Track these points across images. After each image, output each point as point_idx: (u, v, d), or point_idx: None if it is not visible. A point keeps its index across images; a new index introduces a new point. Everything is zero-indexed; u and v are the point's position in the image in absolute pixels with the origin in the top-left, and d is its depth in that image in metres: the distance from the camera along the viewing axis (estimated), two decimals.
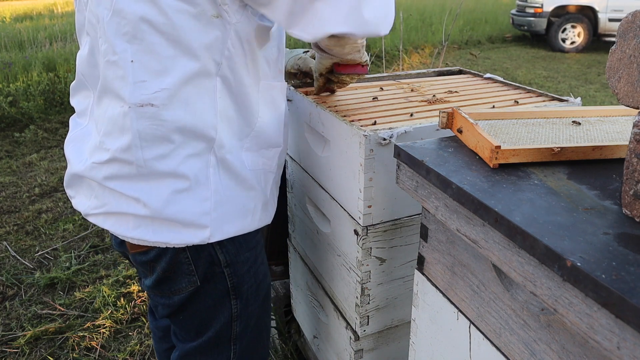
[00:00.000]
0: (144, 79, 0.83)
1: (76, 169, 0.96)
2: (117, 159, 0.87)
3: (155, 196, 0.87)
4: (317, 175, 1.22)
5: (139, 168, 0.86)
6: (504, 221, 0.58)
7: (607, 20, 8.14)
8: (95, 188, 0.93)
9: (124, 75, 0.83)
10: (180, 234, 0.90)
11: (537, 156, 0.72)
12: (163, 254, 0.93)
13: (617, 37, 0.60)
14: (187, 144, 0.87)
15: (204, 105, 0.87)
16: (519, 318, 0.65)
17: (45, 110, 4.69)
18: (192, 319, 1.02)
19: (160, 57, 0.82)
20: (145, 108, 0.84)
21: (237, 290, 1.01)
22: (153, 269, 0.96)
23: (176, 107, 0.85)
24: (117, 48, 0.83)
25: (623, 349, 0.46)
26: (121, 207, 0.90)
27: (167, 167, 0.87)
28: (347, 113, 1.10)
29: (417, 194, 0.79)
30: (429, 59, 7.29)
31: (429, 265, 0.85)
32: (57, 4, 13.39)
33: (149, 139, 0.85)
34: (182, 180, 0.88)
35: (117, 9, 0.81)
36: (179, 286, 0.97)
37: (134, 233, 0.90)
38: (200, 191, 0.89)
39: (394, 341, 1.20)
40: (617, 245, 0.52)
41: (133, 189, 0.88)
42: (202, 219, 0.90)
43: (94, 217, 0.94)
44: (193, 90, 0.85)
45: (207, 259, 0.95)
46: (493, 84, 1.39)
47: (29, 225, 2.80)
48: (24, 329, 1.99)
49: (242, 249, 0.99)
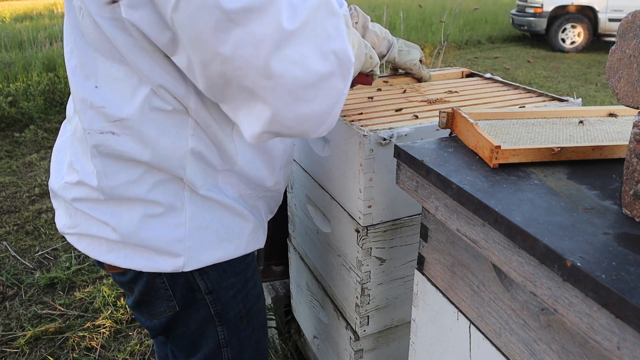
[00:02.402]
0: (104, 104, 0.77)
1: (52, 185, 0.92)
2: (84, 183, 0.83)
3: (125, 221, 0.82)
4: (317, 175, 1.22)
5: (105, 195, 0.81)
6: (504, 221, 0.58)
7: (607, 20, 8.14)
8: (67, 206, 0.89)
9: (88, 99, 0.77)
10: (152, 261, 0.84)
11: (537, 156, 0.72)
12: (139, 277, 0.88)
13: (617, 37, 0.60)
14: (152, 173, 0.81)
15: (170, 143, 0.79)
16: (519, 318, 0.65)
17: (45, 110, 4.69)
18: (182, 340, 0.98)
19: (121, 86, 0.76)
20: (104, 135, 0.78)
21: (222, 317, 0.95)
22: (131, 290, 0.92)
23: (138, 140, 0.78)
24: (85, 69, 0.78)
25: (623, 349, 0.46)
26: (91, 230, 0.85)
27: (135, 193, 0.81)
28: (347, 113, 1.10)
29: (417, 194, 0.79)
30: (429, 59, 7.29)
31: (429, 265, 0.85)
32: (57, 4, 13.39)
33: (112, 166, 0.80)
34: (155, 205, 0.82)
35: (82, 31, 0.76)
36: (158, 310, 0.92)
37: (106, 257, 0.86)
38: (174, 217, 0.83)
39: (394, 341, 1.20)
40: (617, 245, 0.52)
41: (102, 212, 0.83)
42: (175, 246, 0.83)
43: (69, 237, 0.91)
44: (158, 125, 0.78)
45: (185, 285, 0.90)
46: (493, 84, 1.39)
47: (29, 225, 2.80)
48: (24, 329, 1.99)
49: (226, 274, 0.92)
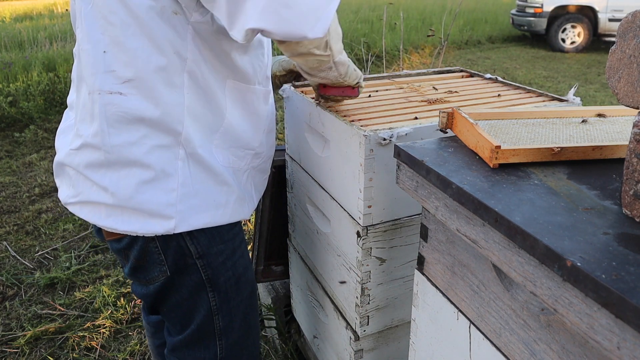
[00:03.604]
0: (114, 68, 0.86)
1: (59, 157, 0.99)
2: (88, 145, 0.90)
3: (122, 186, 0.90)
4: (317, 175, 1.22)
5: (106, 154, 0.89)
6: (504, 221, 0.58)
7: (607, 20, 8.14)
8: (72, 176, 0.96)
9: (94, 63, 0.87)
10: (146, 224, 0.92)
11: (537, 156, 0.72)
12: (134, 242, 0.96)
13: (617, 37, 0.60)
14: (153, 135, 0.89)
15: (170, 99, 0.89)
16: (519, 318, 0.65)
17: (45, 110, 4.69)
18: (175, 311, 1.04)
19: (129, 49, 0.85)
20: (113, 96, 0.87)
21: (213, 283, 1.02)
22: (127, 256, 0.99)
23: (143, 98, 0.87)
24: (91, 37, 0.86)
25: (623, 349, 0.46)
26: (93, 196, 0.93)
27: (134, 155, 0.89)
28: (347, 113, 1.10)
29: (417, 194, 0.79)
30: (429, 59, 7.29)
31: (429, 265, 0.85)
32: (57, 4, 13.39)
33: (116, 126, 0.88)
34: (148, 170, 0.90)
35: (94, 2, 0.85)
36: (152, 275, 0.99)
37: (106, 222, 0.93)
38: (166, 182, 0.91)
39: (394, 341, 1.20)
40: (617, 245, 0.52)
41: (103, 177, 0.91)
42: (168, 209, 0.91)
43: (72, 206, 0.98)
44: (160, 83, 0.87)
45: (176, 250, 0.97)
46: (493, 84, 1.39)
47: (29, 225, 2.80)
48: (24, 329, 1.99)
49: (215, 240, 0.99)
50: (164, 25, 0.85)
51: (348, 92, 1.07)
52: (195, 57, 0.89)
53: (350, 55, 6.42)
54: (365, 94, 1.28)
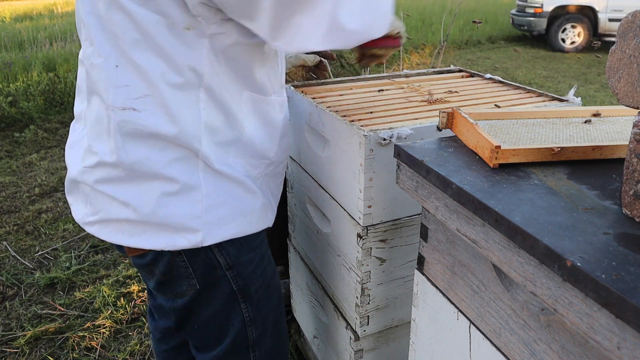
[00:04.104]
0: (127, 83, 0.83)
1: (72, 174, 0.95)
2: (104, 163, 0.87)
3: (144, 200, 0.87)
4: (317, 175, 1.22)
5: (125, 171, 0.86)
6: (504, 221, 0.58)
7: (607, 20, 8.14)
8: (88, 194, 0.92)
9: (107, 78, 0.84)
10: (172, 239, 0.89)
11: (537, 156, 0.72)
12: (159, 257, 0.92)
13: (617, 37, 0.60)
14: (171, 149, 0.86)
15: (187, 116, 0.86)
16: (519, 318, 0.65)
17: (45, 110, 4.69)
18: (208, 327, 1.00)
19: (140, 66, 0.82)
20: (127, 112, 0.83)
21: (245, 293, 0.99)
22: (152, 272, 0.95)
23: (158, 115, 0.84)
24: (102, 52, 0.83)
25: (623, 349, 0.46)
26: (113, 213, 0.89)
27: (154, 168, 0.86)
28: (347, 113, 1.10)
29: (417, 194, 0.79)
30: (429, 59, 7.29)
31: (429, 265, 0.85)
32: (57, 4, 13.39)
33: (132, 142, 0.85)
34: (171, 183, 0.87)
35: (101, 15, 0.82)
36: (180, 289, 0.96)
37: (130, 241, 0.90)
38: (190, 194, 0.88)
39: (394, 341, 1.20)
40: (617, 245, 0.52)
41: (123, 192, 0.87)
42: (193, 222, 0.88)
43: (90, 226, 0.94)
44: (176, 100, 0.84)
45: (204, 262, 0.94)
46: (493, 84, 1.39)
47: (29, 225, 2.80)
48: (24, 329, 1.99)
49: (244, 249, 0.97)
50: (175, 41, 0.82)
51: (391, 43, 1.07)
52: (212, 72, 0.86)
53: (351, 55, 6.42)
54: (370, 96, 1.28)
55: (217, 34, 0.84)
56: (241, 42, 0.88)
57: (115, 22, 0.81)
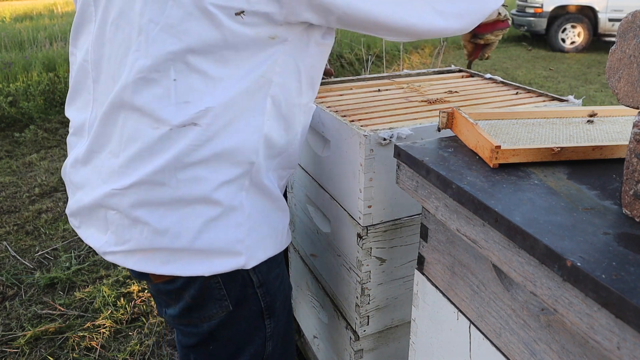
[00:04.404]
0: (188, 99, 0.77)
1: (88, 199, 0.86)
2: (145, 182, 0.79)
3: (187, 227, 0.81)
4: (317, 175, 1.22)
5: (170, 191, 0.79)
6: (504, 221, 0.58)
7: (607, 20, 8.14)
8: (114, 221, 0.83)
9: (164, 94, 0.77)
10: (213, 264, 0.84)
11: (537, 156, 0.72)
12: (192, 281, 0.86)
13: (617, 37, 0.60)
14: (224, 169, 0.81)
15: (250, 127, 0.82)
16: (519, 318, 0.65)
17: (45, 110, 4.69)
18: (225, 347, 0.95)
19: (207, 77, 0.77)
20: (187, 128, 0.77)
21: (271, 309, 0.96)
22: (179, 297, 0.89)
23: (221, 128, 0.79)
24: (159, 65, 0.76)
25: (623, 349, 0.46)
26: (145, 243, 0.82)
27: (201, 191, 0.80)
28: (347, 113, 1.10)
29: (417, 194, 0.79)
30: (429, 59, 7.29)
31: (429, 265, 0.85)
32: (57, 4, 13.40)
33: (186, 161, 0.79)
34: (215, 206, 0.81)
35: (168, 24, 0.75)
36: (209, 313, 0.90)
37: (164, 269, 0.83)
38: (233, 217, 0.83)
39: (394, 341, 1.20)
40: (617, 245, 0.52)
41: (162, 218, 0.81)
42: (237, 246, 0.84)
43: (112, 256, 0.85)
44: (240, 111, 0.80)
45: (239, 282, 0.90)
46: (493, 84, 1.39)
47: (29, 225, 2.80)
48: (24, 329, 1.99)
49: (273, 266, 0.94)
50: (255, 50, 0.79)
51: (500, 25, 1.13)
52: (280, 80, 0.83)
53: (350, 55, 6.43)
54: (370, 96, 1.28)
55: (295, 41, 0.83)
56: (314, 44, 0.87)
57: (191, 32, 0.75)
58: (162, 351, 1.87)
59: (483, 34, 1.15)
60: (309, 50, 0.86)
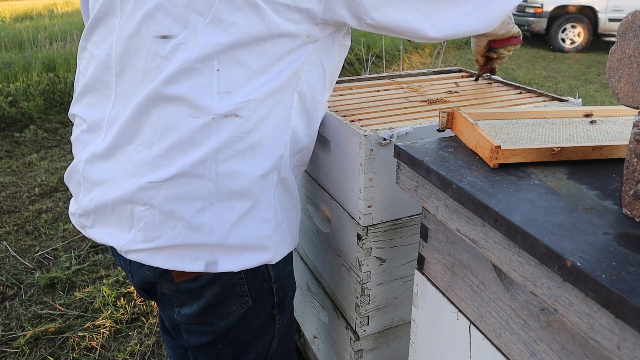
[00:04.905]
0: (229, 89, 0.79)
1: (111, 195, 0.83)
2: (185, 174, 0.78)
3: (221, 222, 0.81)
4: (317, 175, 1.22)
5: (209, 184, 0.79)
6: (504, 221, 0.58)
7: (607, 20, 8.14)
8: (141, 217, 0.81)
9: (207, 84, 0.78)
10: (240, 260, 0.84)
11: (537, 156, 0.72)
12: (217, 277, 0.85)
13: (617, 37, 0.60)
14: (259, 162, 0.82)
15: (281, 120, 0.85)
16: (519, 318, 0.65)
17: (45, 110, 4.69)
18: (233, 345, 0.95)
19: (248, 69, 0.79)
20: (229, 119, 0.79)
21: (281, 305, 0.97)
22: (200, 294, 0.87)
23: (259, 120, 0.81)
24: (205, 56, 0.77)
25: (623, 349, 0.46)
26: (178, 239, 0.80)
27: (238, 186, 0.81)
28: (347, 113, 1.10)
29: (417, 194, 0.79)
30: (429, 59, 7.29)
31: (429, 265, 0.85)
32: (57, 4, 13.40)
33: (227, 152, 0.79)
34: (248, 201, 0.82)
35: (217, 17, 0.77)
36: (229, 310, 0.90)
37: (192, 266, 0.82)
38: (263, 213, 0.84)
39: (394, 341, 1.20)
40: (617, 245, 0.52)
41: (198, 213, 0.80)
42: (265, 242, 0.85)
43: (136, 254, 0.83)
44: (274, 104, 0.83)
45: (261, 277, 0.91)
46: (493, 84, 1.39)
47: (29, 225, 2.80)
48: (24, 329, 1.99)
49: (286, 261, 0.96)
50: (292, 47, 0.82)
51: (514, 41, 1.21)
52: (307, 76, 0.87)
53: (350, 55, 6.43)
54: (370, 96, 1.28)
55: (323, 38, 0.86)
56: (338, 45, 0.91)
57: (239, 25, 0.77)
58: (162, 351, 1.87)
59: (497, 48, 1.23)
60: (333, 50, 0.90)
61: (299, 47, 0.83)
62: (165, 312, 1.00)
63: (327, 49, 0.89)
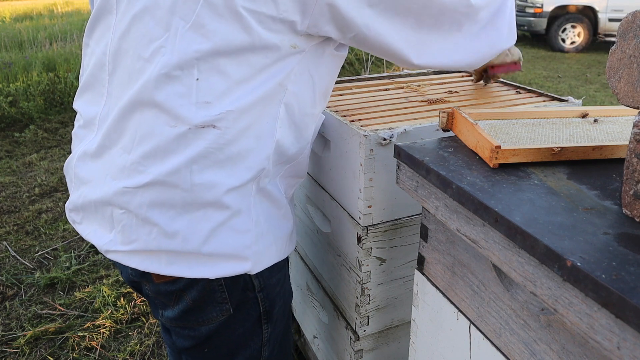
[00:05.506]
0: (208, 99, 0.77)
1: (95, 195, 0.84)
2: (159, 182, 0.78)
3: (196, 230, 0.80)
4: (317, 175, 1.22)
5: (183, 193, 0.78)
6: (504, 221, 0.58)
7: (607, 20, 8.14)
8: (122, 220, 0.82)
9: (185, 93, 0.77)
10: (218, 268, 0.83)
11: (537, 156, 0.72)
12: (195, 283, 0.85)
13: (617, 37, 0.60)
14: (238, 173, 0.81)
15: (264, 132, 0.82)
16: (519, 318, 0.65)
17: (45, 110, 4.69)
18: (219, 350, 0.94)
19: (229, 79, 0.77)
20: (206, 129, 0.77)
21: (269, 315, 0.95)
22: (180, 298, 0.88)
23: (239, 132, 0.79)
24: (184, 63, 0.76)
25: (623, 349, 0.46)
26: (153, 244, 0.81)
27: (213, 195, 0.79)
28: (347, 113, 1.10)
29: (417, 194, 0.79)
30: None
31: (429, 265, 0.85)
32: (57, 4, 13.41)
33: (202, 162, 0.78)
34: (225, 211, 0.81)
35: (198, 23, 0.75)
36: (209, 316, 0.89)
37: (168, 270, 0.82)
38: (242, 223, 0.83)
39: (394, 341, 1.20)
40: (617, 245, 0.52)
41: (172, 221, 0.80)
42: (244, 252, 0.84)
43: (115, 254, 0.84)
44: (257, 115, 0.80)
45: (241, 286, 0.89)
46: (493, 84, 1.39)
47: (29, 225, 2.80)
48: (24, 329, 1.99)
49: (274, 271, 0.93)
50: (276, 57, 0.80)
51: (512, 68, 1.19)
52: (294, 88, 0.84)
53: (350, 55, 6.43)
54: (370, 96, 1.28)
55: (312, 49, 0.84)
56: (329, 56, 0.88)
57: (220, 32, 0.75)
58: (162, 351, 1.87)
59: (495, 74, 1.24)
60: (323, 61, 0.87)
61: (284, 58, 0.80)
62: (153, 312, 1.00)
63: (316, 59, 0.85)
